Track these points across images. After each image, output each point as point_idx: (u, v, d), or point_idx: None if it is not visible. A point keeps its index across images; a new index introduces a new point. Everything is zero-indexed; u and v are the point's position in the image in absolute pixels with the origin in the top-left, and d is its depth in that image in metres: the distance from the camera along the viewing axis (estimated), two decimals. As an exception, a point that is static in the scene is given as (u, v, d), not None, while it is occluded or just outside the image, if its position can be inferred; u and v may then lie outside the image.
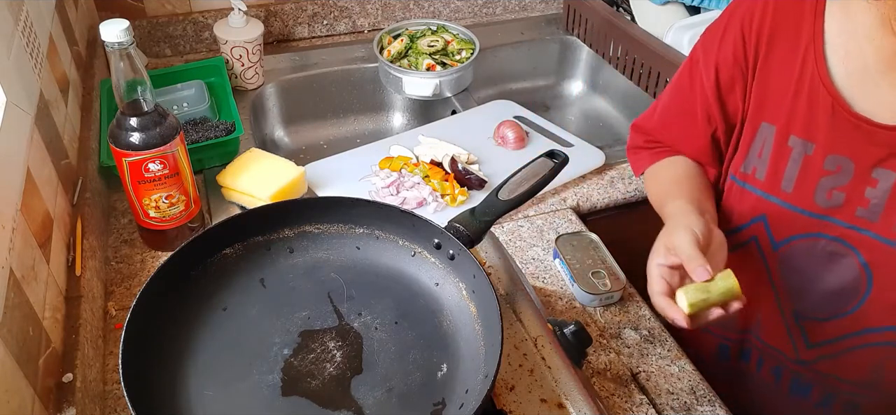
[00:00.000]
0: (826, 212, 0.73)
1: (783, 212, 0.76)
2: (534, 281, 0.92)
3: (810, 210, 0.74)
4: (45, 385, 0.61)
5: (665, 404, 0.77)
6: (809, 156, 0.72)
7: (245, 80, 1.28)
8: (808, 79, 0.70)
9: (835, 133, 0.69)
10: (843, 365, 0.80)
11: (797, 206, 0.74)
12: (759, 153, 0.76)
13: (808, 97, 0.70)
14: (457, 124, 1.23)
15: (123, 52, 0.74)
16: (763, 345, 0.87)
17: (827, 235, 0.74)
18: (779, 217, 0.77)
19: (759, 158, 0.76)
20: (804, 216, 0.74)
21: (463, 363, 0.61)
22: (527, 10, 1.64)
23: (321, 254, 0.71)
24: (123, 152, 0.79)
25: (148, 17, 1.34)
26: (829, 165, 0.71)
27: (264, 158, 1.01)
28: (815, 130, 0.70)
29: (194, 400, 0.57)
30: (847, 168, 0.70)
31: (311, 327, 0.64)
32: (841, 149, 0.69)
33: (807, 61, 0.70)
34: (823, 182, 0.72)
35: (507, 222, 1.01)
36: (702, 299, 0.64)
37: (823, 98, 0.69)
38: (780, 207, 0.76)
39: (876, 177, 0.68)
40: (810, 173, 0.72)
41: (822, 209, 0.73)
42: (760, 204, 0.78)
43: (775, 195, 0.76)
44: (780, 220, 0.77)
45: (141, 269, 0.89)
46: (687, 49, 1.24)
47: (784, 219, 0.76)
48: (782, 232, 0.78)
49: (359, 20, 1.50)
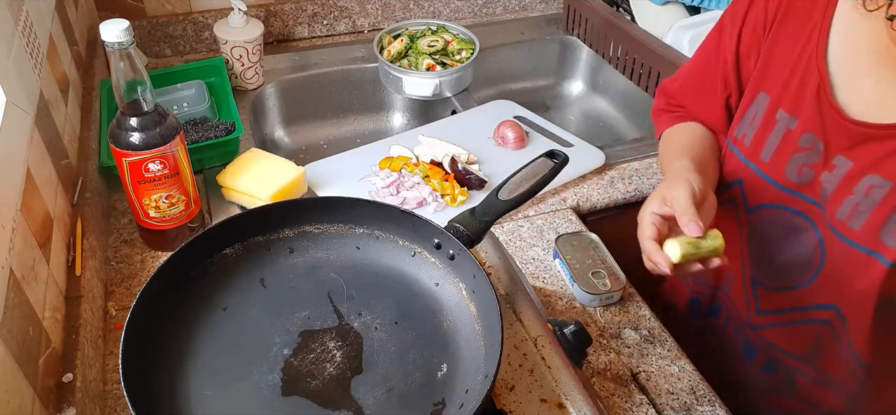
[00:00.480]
0: (795, 187, 0.76)
1: (758, 179, 0.80)
2: (534, 281, 0.92)
3: (781, 182, 0.77)
4: (45, 385, 0.61)
5: (665, 404, 0.77)
6: (790, 131, 0.75)
7: (245, 80, 1.28)
8: (806, 57, 0.73)
9: (815, 114, 0.72)
10: (785, 335, 0.85)
11: (770, 176, 0.78)
12: (752, 120, 0.80)
13: (802, 74, 0.73)
14: (457, 124, 1.23)
15: (123, 52, 0.74)
16: (729, 303, 0.91)
17: (792, 208, 0.78)
18: (753, 184, 0.81)
19: (750, 125, 0.80)
20: (774, 187, 0.78)
21: (463, 363, 0.61)
22: (527, 10, 1.64)
23: (321, 254, 0.71)
24: (123, 152, 0.79)
25: (148, 17, 1.34)
26: (804, 142, 0.74)
27: (264, 158, 1.01)
28: (801, 107, 0.74)
29: (194, 400, 0.57)
30: (818, 148, 0.73)
31: (311, 327, 0.64)
32: (817, 129, 0.72)
33: (811, 39, 0.72)
34: (796, 157, 0.75)
35: (507, 222, 1.01)
36: (691, 253, 0.67)
37: (813, 78, 0.72)
38: (755, 175, 0.80)
39: (835, 163, 0.72)
40: (787, 147, 0.76)
41: (791, 183, 0.76)
42: (741, 168, 0.82)
43: (754, 162, 0.80)
44: (754, 186, 0.81)
45: (141, 269, 0.89)
46: (687, 49, 1.24)
47: (758, 186, 0.80)
48: (755, 198, 0.82)
49: (359, 20, 1.50)
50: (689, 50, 1.24)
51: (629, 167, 1.14)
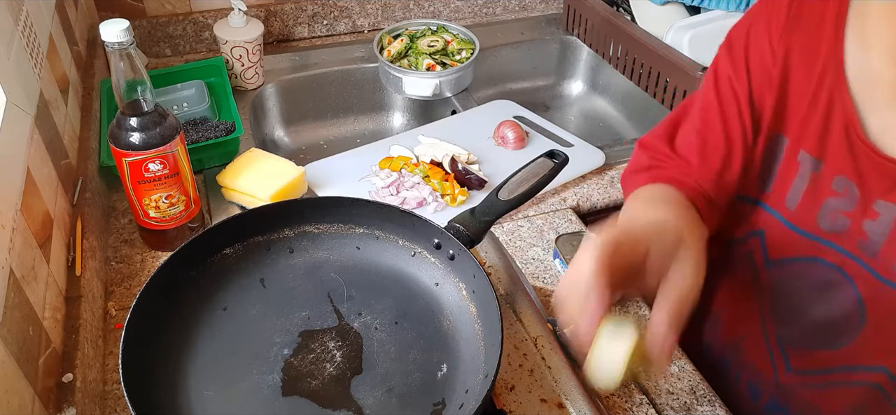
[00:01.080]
0: (828, 236, 0.68)
1: (783, 229, 0.71)
2: (534, 281, 0.92)
3: (812, 232, 0.69)
4: (45, 385, 0.61)
5: (665, 404, 0.77)
6: (817, 174, 0.67)
7: (245, 80, 1.28)
8: (825, 92, 0.64)
9: (845, 154, 0.64)
10: (825, 398, 0.76)
11: (798, 226, 0.70)
12: (770, 166, 0.71)
13: (823, 112, 0.65)
14: (457, 124, 1.23)
15: (123, 52, 0.74)
16: (741, 361, 0.84)
17: (825, 260, 0.69)
18: (777, 234, 0.72)
19: (769, 172, 0.72)
20: (804, 238, 0.70)
21: (463, 363, 0.61)
22: (527, 10, 1.64)
23: (321, 254, 0.71)
24: (123, 152, 0.79)
25: (148, 17, 1.34)
26: (837, 187, 0.66)
27: (264, 158, 1.01)
28: (826, 148, 0.65)
29: (194, 400, 0.57)
30: (853, 194, 0.65)
31: (311, 327, 0.64)
32: (849, 172, 0.64)
33: (827, 73, 0.64)
34: (829, 203, 0.67)
35: (507, 222, 1.01)
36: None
37: (837, 113, 0.64)
38: (780, 224, 0.71)
39: (877, 210, 0.64)
40: (817, 192, 0.67)
41: (824, 232, 0.68)
42: (760, 218, 0.73)
43: (778, 210, 0.71)
44: (778, 237, 0.72)
45: (141, 269, 0.89)
46: (687, 49, 1.24)
47: (782, 237, 0.71)
48: (778, 250, 0.73)
49: (359, 20, 1.50)
50: (690, 50, 1.24)
51: (629, 167, 1.14)
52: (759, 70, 0.69)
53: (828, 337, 0.73)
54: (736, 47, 0.71)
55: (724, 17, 1.30)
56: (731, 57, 0.71)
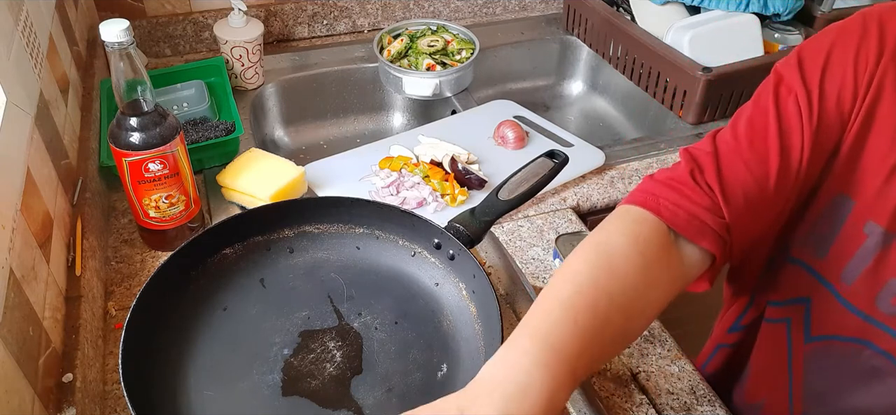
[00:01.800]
0: (885, 320, 0.61)
1: (833, 304, 0.63)
2: (534, 281, 0.92)
3: (867, 312, 0.61)
4: (45, 385, 0.61)
5: (665, 404, 0.77)
6: (886, 251, 0.59)
7: (245, 80, 1.28)
8: None
9: None
10: None
11: (853, 303, 0.62)
12: (826, 228, 0.62)
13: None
14: (457, 124, 1.23)
15: (123, 52, 0.74)
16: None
17: (876, 346, 0.62)
18: (826, 308, 0.64)
19: (824, 235, 0.63)
20: (857, 317, 0.62)
21: (463, 363, 0.61)
22: (527, 10, 1.64)
23: (321, 254, 0.71)
24: (123, 152, 0.79)
25: (148, 17, 1.34)
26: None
27: (264, 158, 1.01)
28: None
29: (194, 400, 0.57)
30: None
31: (311, 327, 0.64)
32: None
33: None
34: (892, 284, 0.59)
35: (507, 222, 1.01)
36: None
37: None
38: (831, 298, 0.63)
39: None
40: (882, 271, 0.59)
41: (882, 315, 0.61)
42: (809, 286, 0.65)
43: (831, 282, 0.63)
44: (826, 311, 0.64)
45: (141, 269, 0.89)
46: (687, 49, 1.24)
47: (832, 312, 0.64)
48: (824, 326, 0.65)
49: (359, 20, 1.50)
50: (690, 50, 1.24)
51: (629, 167, 1.14)
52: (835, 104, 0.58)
53: None
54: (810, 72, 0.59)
55: (724, 17, 1.30)
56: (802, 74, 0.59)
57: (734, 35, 1.28)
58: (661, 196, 0.58)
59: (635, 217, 0.58)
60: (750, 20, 1.29)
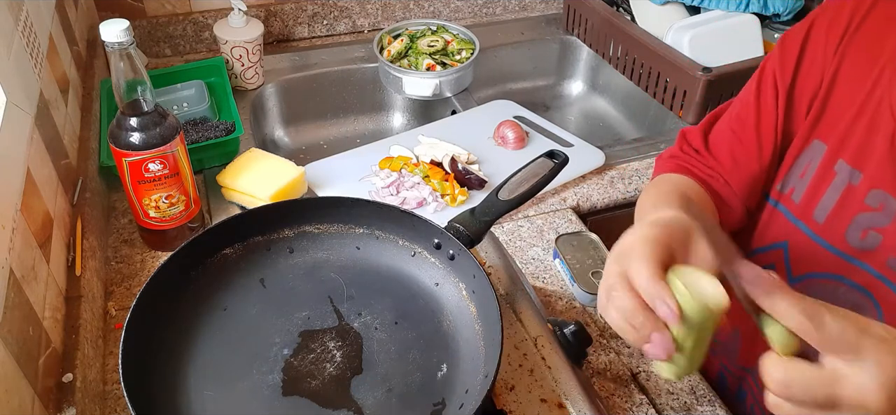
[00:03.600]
0: (856, 254, 0.65)
1: (808, 243, 0.68)
2: (534, 281, 0.92)
3: (839, 248, 0.66)
4: (45, 385, 0.61)
5: (665, 404, 0.77)
6: (853, 186, 0.64)
7: (245, 80, 1.28)
8: (875, 100, 0.63)
9: (888, 166, 0.62)
10: None
11: (826, 239, 0.67)
12: (802, 173, 0.69)
13: (870, 120, 0.63)
14: (457, 124, 1.23)
15: (123, 52, 0.74)
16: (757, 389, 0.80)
17: (850, 280, 0.66)
18: (802, 248, 0.69)
19: (800, 179, 0.69)
20: (830, 254, 0.67)
21: (463, 363, 0.61)
22: (527, 10, 1.64)
23: (321, 254, 0.71)
24: (123, 152, 0.79)
25: (148, 17, 1.34)
26: (872, 201, 0.63)
27: (264, 158, 1.01)
28: (867, 158, 0.63)
29: (194, 400, 0.57)
30: (891, 208, 0.62)
31: (311, 327, 0.64)
32: (889, 185, 0.62)
33: (881, 80, 0.62)
34: (860, 219, 0.64)
35: (507, 222, 1.01)
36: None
37: (886, 125, 0.62)
38: (806, 238, 0.68)
39: None
40: (849, 206, 0.65)
41: (852, 249, 0.65)
42: (787, 229, 0.71)
43: (805, 223, 0.69)
44: (803, 251, 0.69)
45: (141, 269, 0.89)
46: (687, 49, 1.24)
47: (807, 251, 0.68)
48: (802, 266, 0.70)
49: (359, 20, 1.50)
50: (690, 50, 1.24)
51: (629, 167, 1.14)
52: (809, 68, 0.68)
53: None
54: (789, 45, 0.70)
55: (723, 17, 1.30)
56: (782, 53, 0.70)
57: (734, 35, 1.28)
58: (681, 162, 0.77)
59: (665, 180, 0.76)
60: (750, 20, 1.29)
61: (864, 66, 0.64)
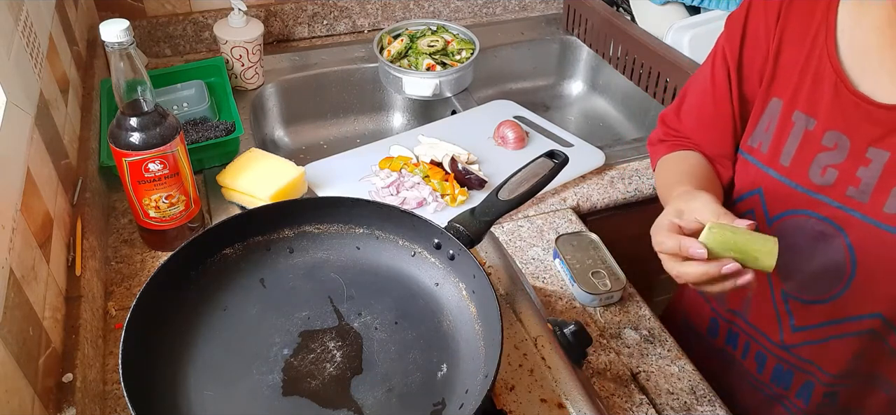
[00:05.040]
0: (818, 189, 0.74)
1: (779, 186, 0.77)
2: (534, 281, 0.92)
3: (804, 186, 0.75)
4: (45, 385, 0.61)
5: (665, 404, 0.77)
6: (810, 131, 0.73)
7: (245, 80, 1.28)
8: (816, 56, 0.72)
9: (836, 110, 0.71)
10: (824, 353, 0.81)
11: (793, 180, 0.76)
12: (766, 127, 0.78)
13: (814, 73, 0.72)
14: (457, 124, 1.23)
15: (123, 52, 0.74)
16: (750, 328, 0.87)
17: (817, 213, 0.75)
18: (775, 191, 0.78)
19: (765, 132, 0.78)
20: (798, 192, 0.76)
21: (463, 363, 0.61)
22: (527, 10, 1.64)
23: (321, 254, 0.71)
24: (123, 152, 0.79)
25: (148, 17, 1.34)
26: (827, 141, 0.72)
27: (264, 158, 1.01)
28: (818, 105, 0.72)
29: (194, 400, 0.57)
30: (843, 145, 0.71)
31: (311, 327, 0.64)
32: (840, 125, 0.71)
33: (817, 39, 0.72)
34: (819, 158, 0.73)
35: (507, 222, 1.01)
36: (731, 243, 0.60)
37: (828, 75, 0.71)
38: (776, 181, 0.77)
39: (870, 156, 0.69)
40: (808, 148, 0.74)
41: (815, 186, 0.74)
42: (759, 176, 0.79)
43: (773, 168, 0.77)
44: (775, 194, 0.78)
45: (141, 269, 0.89)
46: (687, 49, 1.24)
47: (779, 193, 0.78)
48: (777, 207, 0.79)
49: (359, 20, 1.50)
50: (690, 50, 1.24)
51: (629, 167, 1.14)
52: (753, 41, 0.78)
53: (823, 288, 0.77)
54: (733, 26, 0.80)
55: (723, 17, 1.29)
56: (728, 33, 0.81)
57: (734, 35, 1.28)
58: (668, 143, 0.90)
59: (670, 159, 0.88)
60: (750, 20, 1.28)
61: (801, 29, 0.74)
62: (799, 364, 0.84)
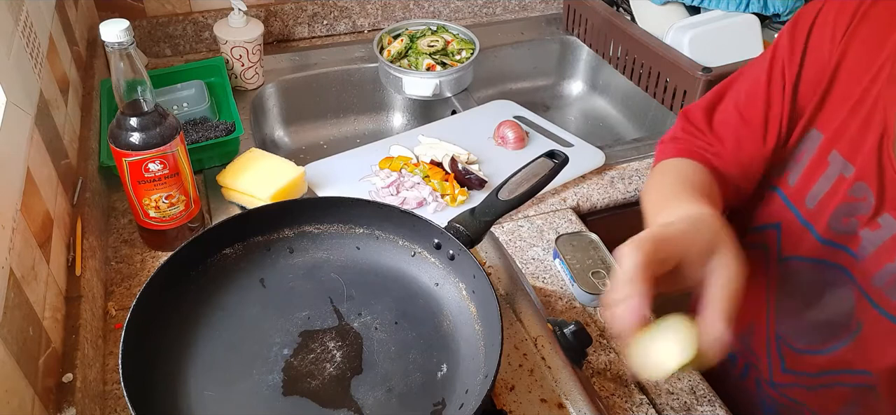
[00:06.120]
0: (836, 238, 0.68)
1: (798, 226, 0.71)
2: (534, 281, 0.92)
3: (823, 234, 0.69)
4: (45, 385, 0.61)
5: (665, 404, 0.77)
6: (844, 177, 0.67)
7: (245, 80, 1.28)
8: (871, 98, 0.64)
9: (873, 163, 0.64)
10: (816, 399, 0.78)
11: (813, 226, 0.70)
12: (800, 158, 0.71)
13: (864, 117, 0.64)
14: (457, 124, 1.23)
15: (123, 52, 0.74)
16: (748, 352, 0.85)
17: (830, 261, 0.70)
18: (792, 231, 0.72)
19: (797, 163, 0.71)
20: (814, 238, 0.70)
21: (463, 363, 0.61)
22: (527, 10, 1.64)
23: (321, 254, 0.71)
24: (123, 152, 0.79)
25: (148, 17, 1.34)
26: (856, 192, 0.66)
27: (264, 158, 1.01)
28: (858, 153, 0.65)
29: (194, 400, 0.57)
30: (869, 201, 0.65)
31: (311, 327, 0.64)
32: (871, 180, 0.64)
33: (879, 76, 0.63)
34: (842, 207, 0.67)
35: (507, 222, 1.01)
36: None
37: (876, 125, 0.63)
38: (796, 221, 0.71)
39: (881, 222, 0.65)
40: (835, 195, 0.68)
41: (833, 235, 0.69)
42: (780, 211, 0.73)
43: (797, 206, 0.71)
44: (792, 234, 0.72)
45: (141, 269, 0.89)
46: (687, 49, 1.24)
47: (796, 234, 0.72)
48: (790, 247, 0.73)
49: (359, 20, 1.50)
50: (690, 50, 1.24)
51: (629, 167, 1.14)
52: (814, 61, 0.68)
53: (824, 338, 0.74)
54: (799, 31, 0.70)
55: (723, 17, 1.30)
56: (791, 39, 0.70)
57: (734, 35, 1.28)
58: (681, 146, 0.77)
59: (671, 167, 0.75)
60: (750, 20, 1.29)
61: (865, 59, 0.64)
62: (787, 404, 0.81)
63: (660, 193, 0.69)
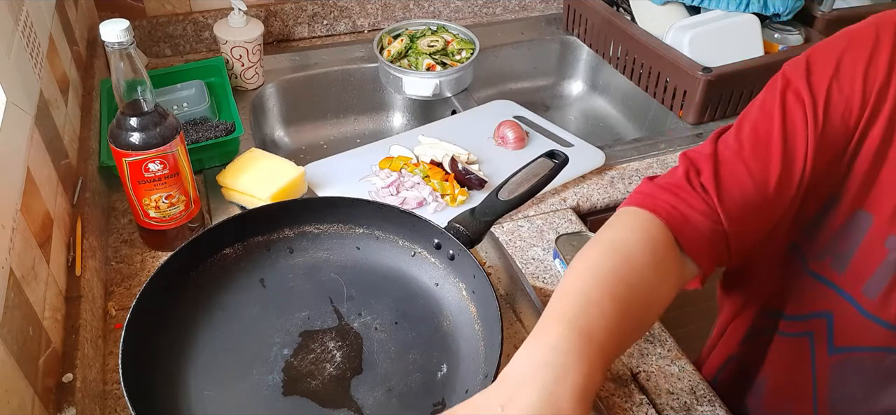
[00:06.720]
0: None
1: (856, 317, 0.64)
2: (534, 281, 0.92)
3: (891, 322, 0.62)
4: (45, 385, 0.61)
5: (665, 404, 0.77)
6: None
7: (245, 80, 1.28)
8: None
9: None
10: None
11: (877, 315, 0.63)
12: (845, 243, 0.62)
13: None
14: (457, 124, 1.23)
15: (123, 52, 0.74)
16: None
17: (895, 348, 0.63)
18: (849, 321, 0.65)
19: (842, 250, 0.63)
20: (882, 328, 0.63)
21: (463, 363, 0.61)
22: (527, 10, 1.64)
23: (321, 254, 0.71)
24: (123, 152, 0.79)
25: (148, 17, 1.34)
26: None
27: (264, 158, 1.01)
28: None
29: (194, 400, 0.57)
30: None
31: (311, 327, 0.64)
32: None
33: None
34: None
35: (507, 222, 1.01)
36: None
37: None
38: (854, 311, 0.64)
39: None
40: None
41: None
42: (831, 300, 0.65)
43: (853, 296, 0.63)
44: (849, 324, 0.65)
45: (141, 269, 0.89)
46: (687, 49, 1.24)
47: (855, 325, 0.64)
48: (847, 338, 0.66)
49: (359, 20, 1.50)
50: (690, 50, 1.24)
51: (629, 167, 1.14)
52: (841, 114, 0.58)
53: None
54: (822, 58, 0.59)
55: (723, 17, 1.30)
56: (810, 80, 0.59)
57: (734, 35, 1.28)
58: (659, 199, 0.60)
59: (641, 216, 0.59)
60: (750, 20, 1.29)
61: None
62: None
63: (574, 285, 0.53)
